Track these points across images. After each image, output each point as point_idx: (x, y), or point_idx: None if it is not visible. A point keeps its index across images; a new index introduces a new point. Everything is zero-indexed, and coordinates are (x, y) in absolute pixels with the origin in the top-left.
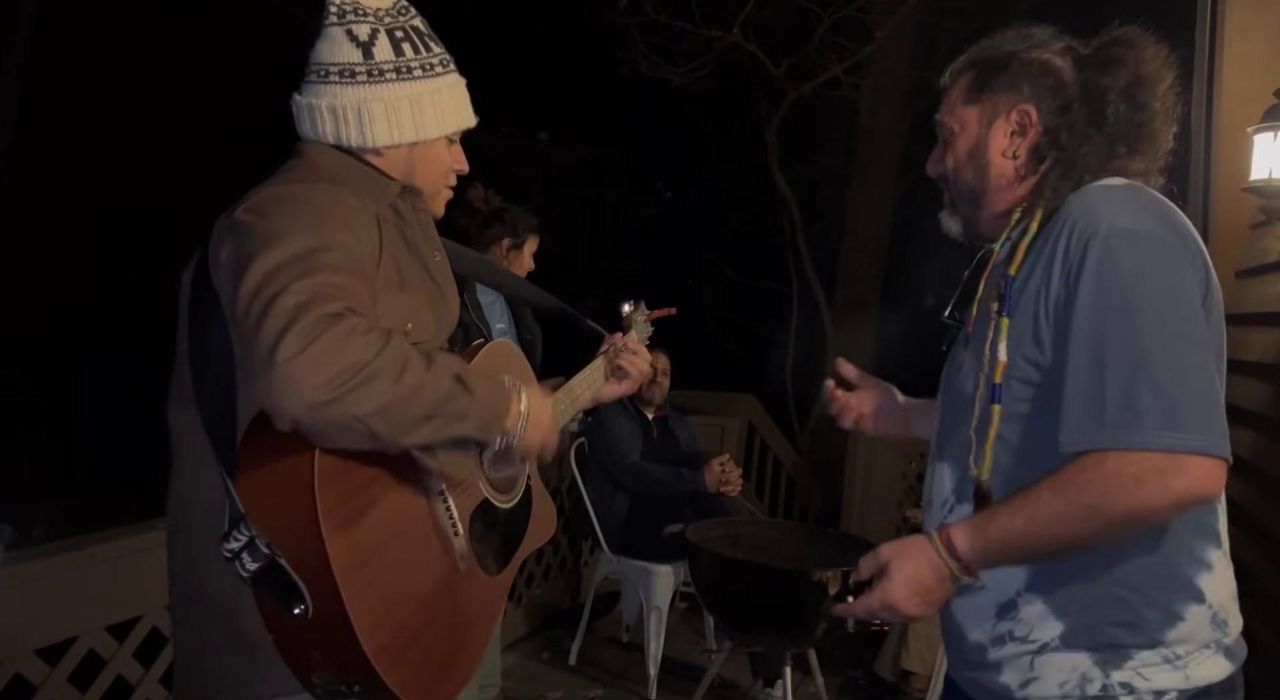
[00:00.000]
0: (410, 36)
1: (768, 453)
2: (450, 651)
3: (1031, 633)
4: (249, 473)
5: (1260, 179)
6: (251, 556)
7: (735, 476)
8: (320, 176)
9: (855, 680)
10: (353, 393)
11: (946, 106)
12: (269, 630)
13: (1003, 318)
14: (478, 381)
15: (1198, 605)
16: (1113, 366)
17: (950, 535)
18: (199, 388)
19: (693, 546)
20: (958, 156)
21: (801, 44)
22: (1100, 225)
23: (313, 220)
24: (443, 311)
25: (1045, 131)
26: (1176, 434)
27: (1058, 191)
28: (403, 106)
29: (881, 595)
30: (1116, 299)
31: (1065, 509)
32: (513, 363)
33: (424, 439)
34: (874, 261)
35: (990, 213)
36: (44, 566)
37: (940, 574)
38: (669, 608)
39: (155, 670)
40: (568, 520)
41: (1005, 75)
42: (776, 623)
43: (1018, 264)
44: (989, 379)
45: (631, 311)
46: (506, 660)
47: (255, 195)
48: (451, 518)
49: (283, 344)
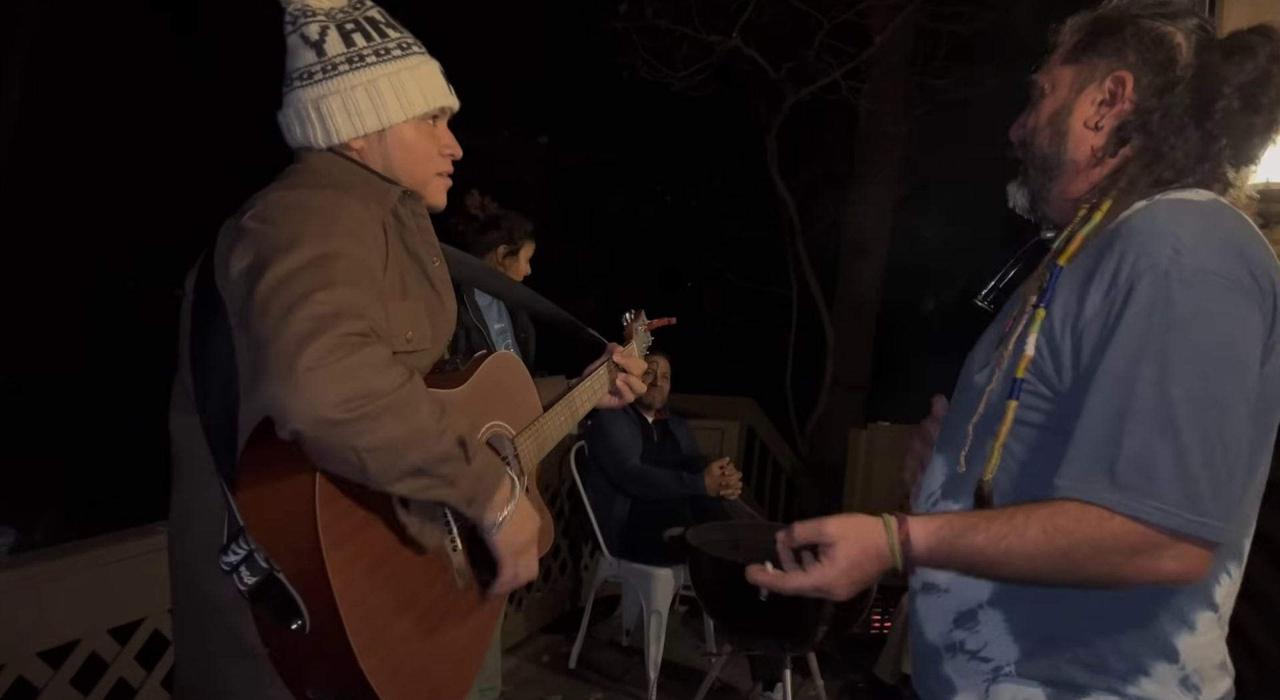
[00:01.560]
0: (362, 27)
1: (767, 456)
2: (447, 667)
3: (985, 649)
4: (249, 485)
5: (1258, 183)
6: (250, 570)
7: (735, 480)
8: (324, 182)
9: (855, 684)
10: (362, 420)
11: (1046, 64)
12: (265, 643)
13: (1039, 309)
14: (479, 452)
15: (1168, 664)
16: (1136, 420)
17: (910, 532)
18: (200, 395)
19: (693, 550)
20: (1040, 117)
21: (801, 49)
22: (1164, 257)
23: (323, 227)
24: (441, 319)
25: (1137, 109)
26: (1190, 516)
27: (1135, 184)
28: (358, 95)
29: (819, 577)
30: (1158, 346)
31: (1047, 553)
32: (514, 378)
33: (407, 491)
34: (873, 266)
35: (1061, 192)
36: (46, 570)
37: (884, 565)
38: (669, 611)
39: (157, 673)
40: (568, 524)
41: (1113, 39)
42: (776, 626)
43: (1069, 255)
44: (1009, 373)
45: (632, 321)
46: (506, 664)
47: (262, 201)
48: (450, 533)
49: (306, 352)
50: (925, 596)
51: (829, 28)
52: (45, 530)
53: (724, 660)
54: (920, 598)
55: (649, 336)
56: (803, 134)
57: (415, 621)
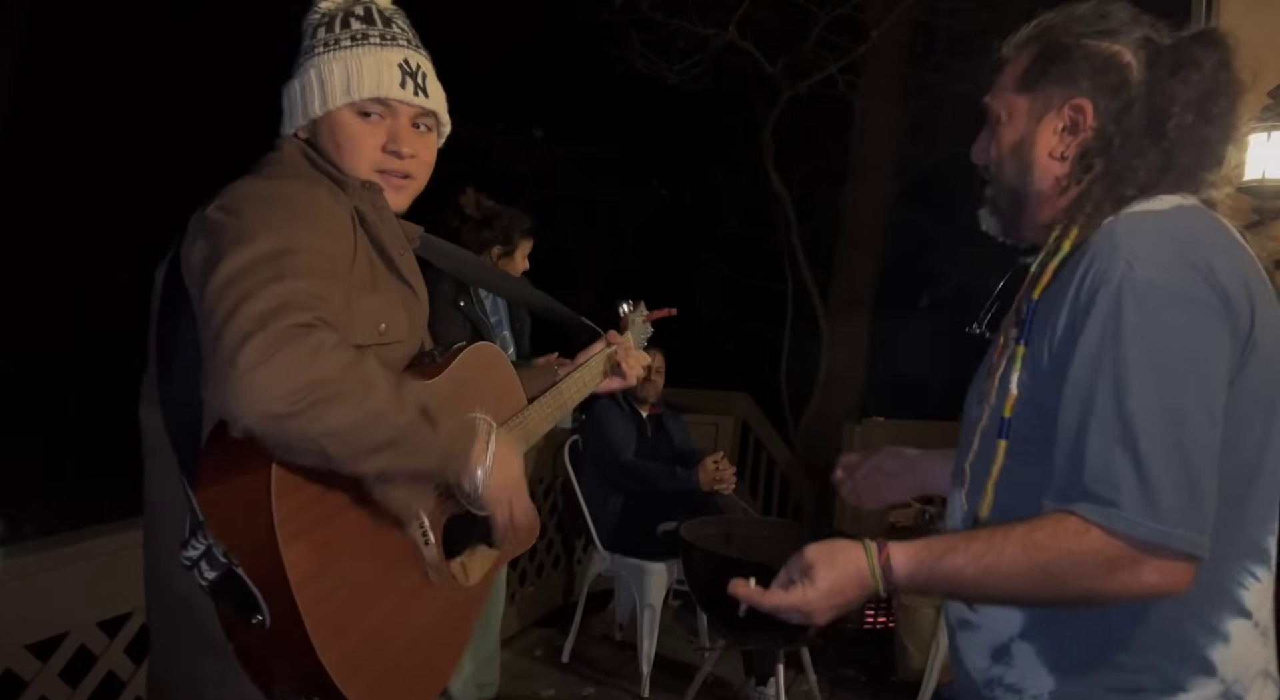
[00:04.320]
0: (333, 20)
1: (761, 451)
2: (418, 663)
3: (1021, 681)
4: (209, 479)
5: (1254, 179)
6: (209, 565)
7: (729, 475)
8: (294, 172)
9: (848, 678)
10: (311, 409)
11: (997, 87)
12: (229, 639)
13: (1019, 346)
14: (445, 417)
15: (1206, 678)
16: (1096, 432)
17: (890, 557)
18: (164, 389)
19: (686, 544)
20: (1001, 148)
21: (798, 43)
22: (1116, 272)
23: (285, 219)
24: (416, 310)
25: (1098, 135)
26: (1154, 526)
27: (1100, 207)
28: (296, 86)
29: (800, 597)
30: (1112, 358)
31: (1027, 570)
32: (495, 370)
33: (378, 467)
34: (869, 260)
35: (1032, 220)
36: (35, 562)
37: (865, 589)
38: (662, 606)
39: (145, 666)
40: (561, 518)
41: (1065, 65)
42: (770, 621)
43: (1042, 287)
44: (996, 412)
45: (630, 311)
46: (500, 658)
47: (229, 191)
48: (423, 528)
49: (245, 350)
50: (963, 633)
51: (825, 22)
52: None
53: (717, 655)
54: (959, 635)
55: (648, 328)
56: (799, 128)
57: (384, 617)
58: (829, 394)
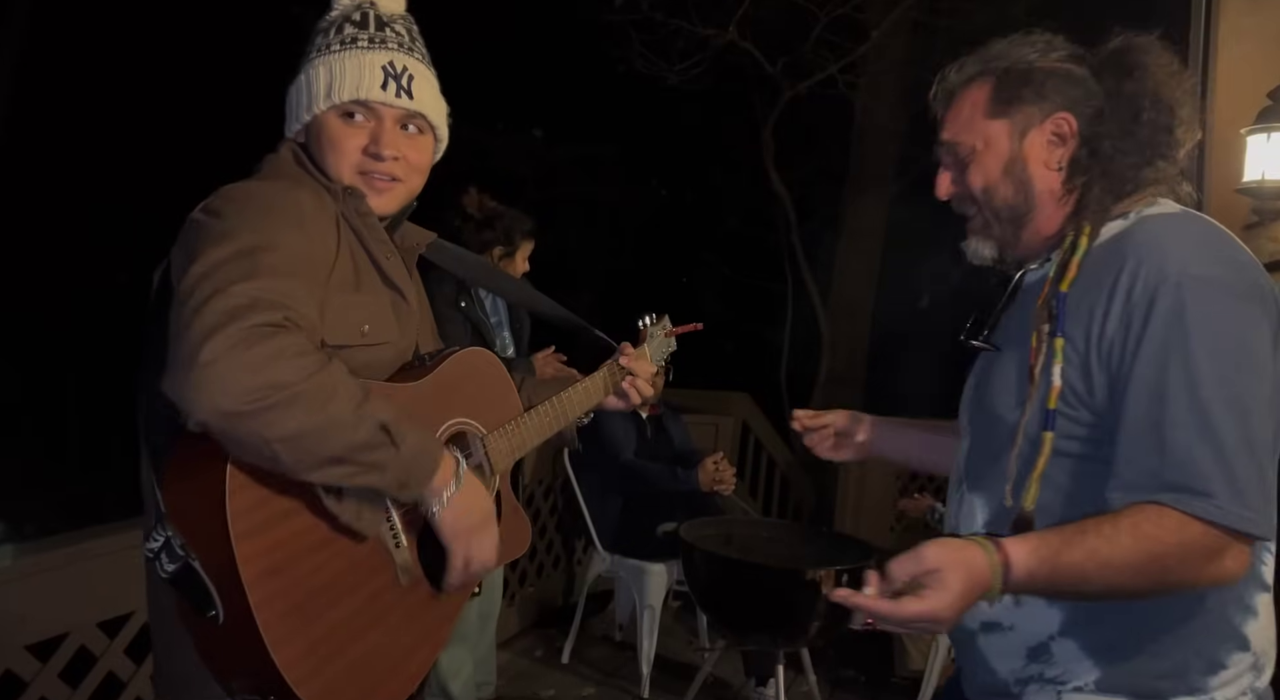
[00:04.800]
0: (333, 24)
1: (761, 451)
2: (382, 668)
3: (1064, 674)
4: (173, 474)
5: (1253, 180)
6: (169, 557)
7: (729, 475)
8: (281, 174)
9: (847, 679)
10: (267, 412)
11: (959, 124)
12: (189, 632)
13: (1056, 339)
14: (408, 436)
15: (1242, 652)
16: (1174, 425)
17: (1009, 555)
18: (142, 385)
19: (686, 545)
20: (989, 174)
21: (798, 43)
22: (1171, 269)
23: (261, 218)
24: (405, 314)
25: (1083, 141)
26: (1241, 513)
27: (1103, 204)
28: (292, 89)
29: (934, 605)
30: (1181, 353)
31: (1141, 562)
32: (486, 375)
33: (329, 480)
34: (869, 261)
35: (1036, 232)
36: (35, 562)
37: (984, 590)
38: (662, 606)
39: (146, 667)
40: (561, 518)
41: (1031, 85)
42: (770, 622)
43: (1070, 281)
44: (1041, 404)
45: (650, 325)
46: (499, 659)
47: (215, 193)
48: (393, 529)
49: (208, 345)
50: (988, 636)
51: (825, 22)
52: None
53: (717, 656)
54: (981, 638)
55: (670, 342)
56: (799, 129)
57: (346, 618)
58: (829, 394)
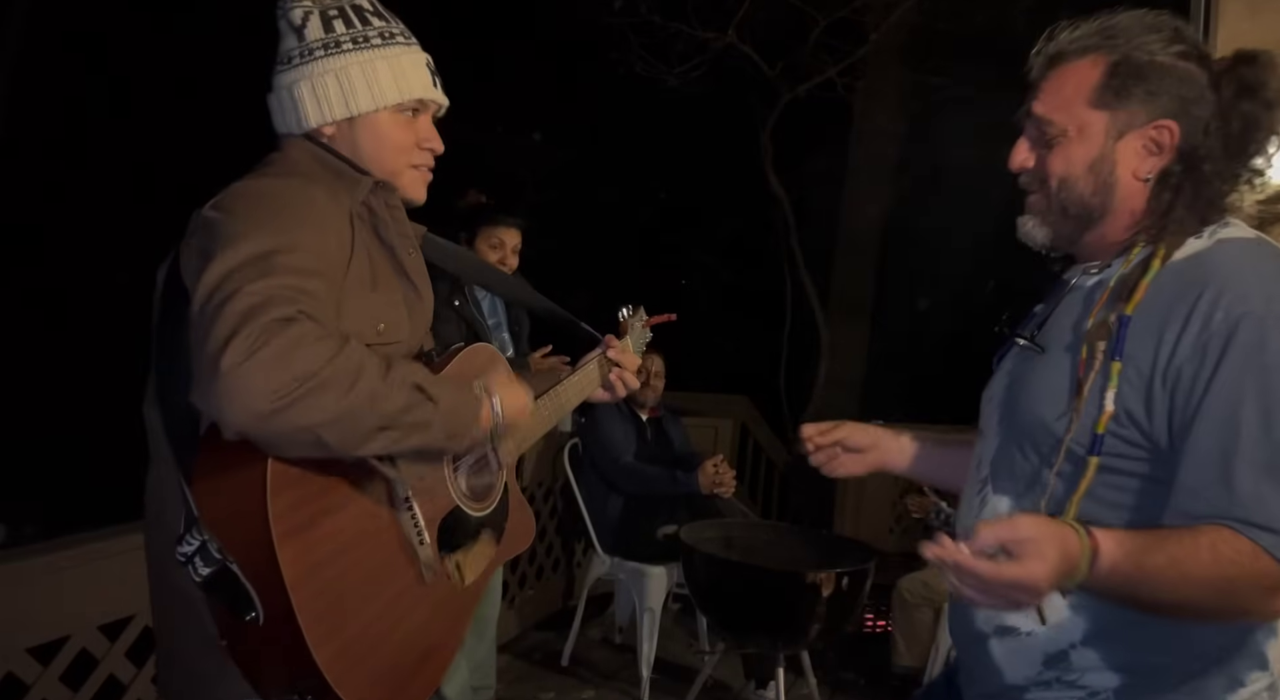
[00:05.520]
0: (345, 14)
1: (761, 454)
2: (412, 663)
3: (1082, 679)
4: (204, 475)
5: None
6: (204, 561)
7: (729, 478)
8: (293, 171)
9: (847, 681)
10: (299, 403)
11: (1056, 99)
12: (221, 635)
13: (1114, 361)
14: (442, 389)
15: (1261, 671)
16: (1244, 460)
17: (1099, 543)
18: (162, 386)
19: (686, 548)
20: (1072, 164)
21: (796, 46)
22: (1256, 303)
23: (277, 218)
24: (418, 310)
25: (1181, 156)
26: None
27: (1184, 227)
28: (329, 81)
29: (1030, 572)
30: (1258, 388)
31: (1216, 581)
32: (491, 368)
33: (381, 449)
34: (868, 264)
35: (1101, 237)
36: (37, 565)
37: (1072, 573)
38: (662, 609)
39: (147, 670)
40: (560, 521)
41: (1145, 82)
42: (770, 624)
43: (1135, 304)
44: (1090, 428)
45: (629, 316)
46: (499, 661)
47: (226, 190)
48: (417, 526)
49: (228, 350)
50: (1002, 641)
51: (824, 25)
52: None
53: (717, 658)
54: (995, 642)
55: (647, 333)
56: (798, 131)
57: (378, 615)
58: (828, 397)
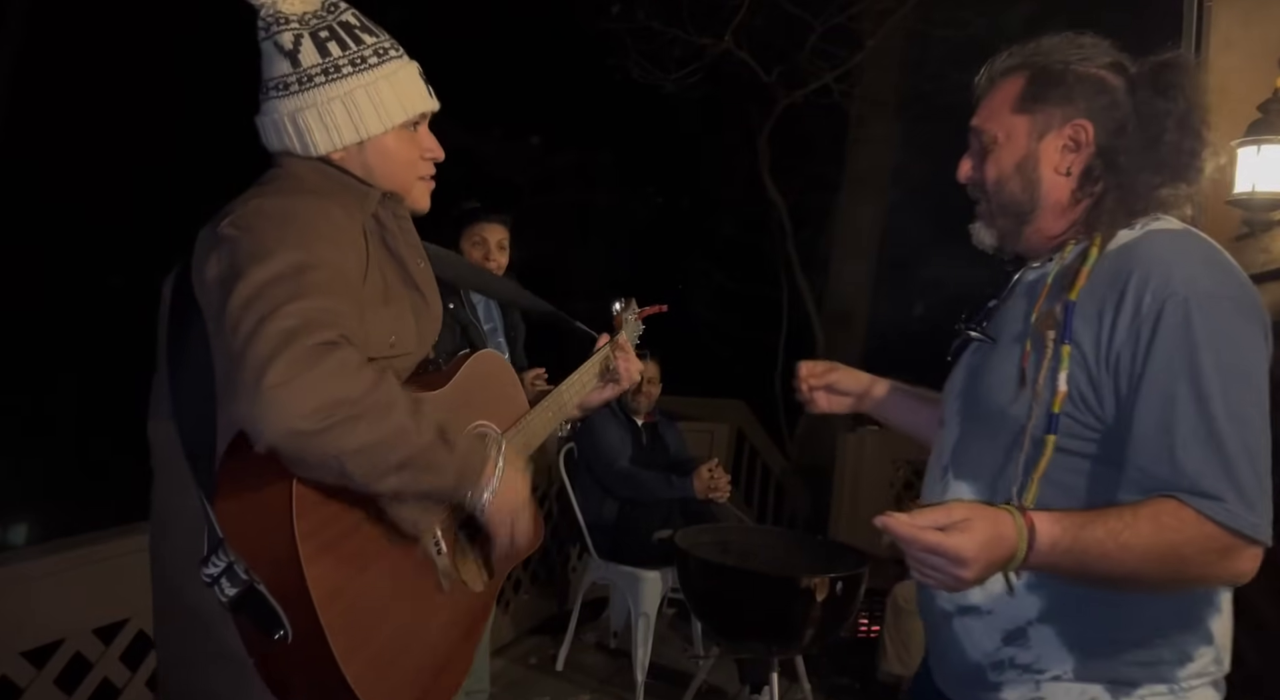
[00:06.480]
0: (337, 34)
1: (756, 459)
2: (434, 670)
3: (1038, 661)
4: (227, 496)
5: (1244, 192)
6: (230, 582)
7: (724, 483)
8: (303, 188)
9: (842, 686)
10: (336, 428)
11: (988, 112)
12: (249, 653)
13: (1063, 345)
14: (461, 437)
15: (1207, 646)
16: (1183, 435)
17: (1035, 522)
18: (177, 404)
19: (681, 552)
20: (1002, 167)
21: (793, 52)
22: (1179, 285)
23: (300, 236)
24: (426, 320)
25: (1099, 152)
26: (1251, 520)
27: (1114, 218)
28: (335, 108)
29: (956, 544)
30: (1188, 365)
31: (1160, 549)
32: (498, 377)
33: (394, 487)
34: (863, 269)
35: (1039, 231)
36: (31, 569)
37: (1009, 553)
38: (657, 614)
39: (142, 673)
40: (556, 525)
41: (1060, 87)
42: (764, 629)
43: (1078, 290)
44: (1046, 409)
45: (622, 310)
46: (493, 666)
47: (240, 208)
48: (434, 537)
49: (272, 369)
50: (963, 619)
51: (821, 31)
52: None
53: (711, 663)
54: (956, 621)
55: (640, 325)
56: (794, 137)
57: (400, 626)
58: None
